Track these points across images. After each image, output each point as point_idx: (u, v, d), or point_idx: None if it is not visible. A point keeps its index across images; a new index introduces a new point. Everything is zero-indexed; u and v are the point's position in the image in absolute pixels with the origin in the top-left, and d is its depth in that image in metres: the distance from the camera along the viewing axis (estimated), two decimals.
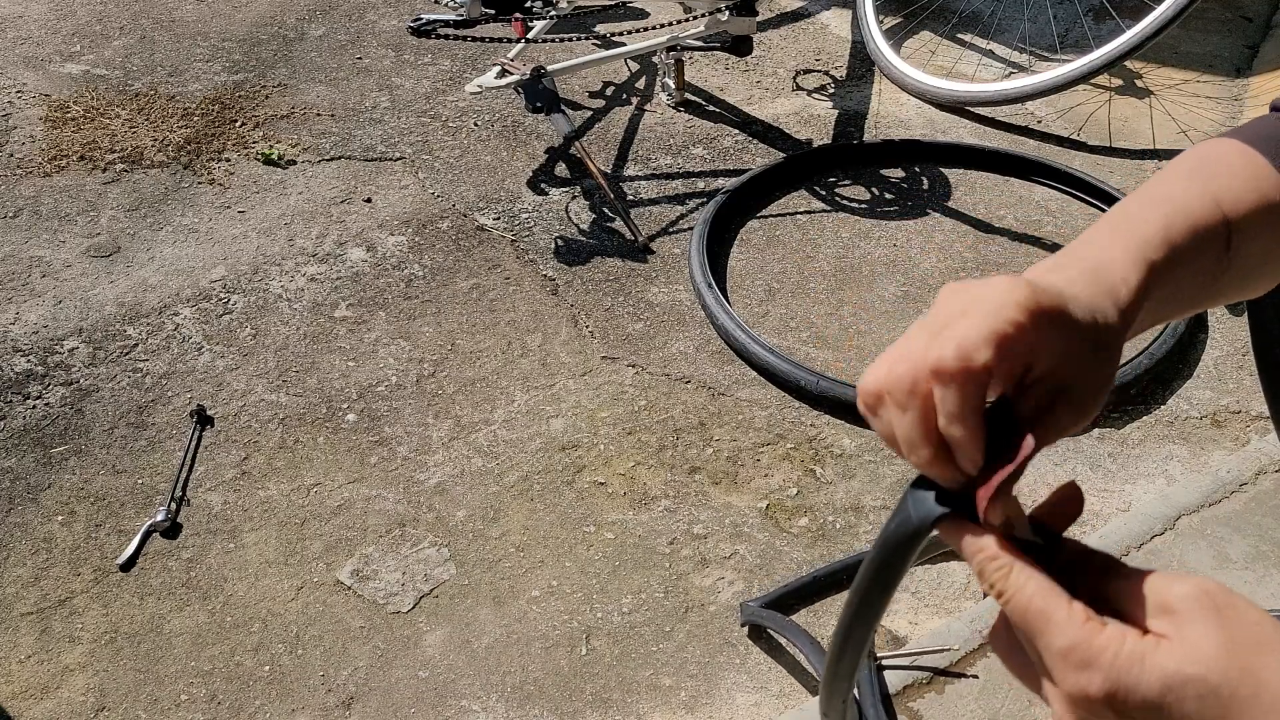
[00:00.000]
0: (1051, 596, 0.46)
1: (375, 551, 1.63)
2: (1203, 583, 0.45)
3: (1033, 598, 0.46)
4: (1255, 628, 0.43)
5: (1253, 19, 3.16)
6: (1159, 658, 0.43)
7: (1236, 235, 0.61)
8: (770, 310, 2.10)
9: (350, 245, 2.23)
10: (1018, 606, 0.46)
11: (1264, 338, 0.90)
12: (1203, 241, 0.59)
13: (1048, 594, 0.46)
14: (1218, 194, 0.61)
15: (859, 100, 2.76)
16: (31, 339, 1.98)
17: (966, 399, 0.48)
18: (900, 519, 0.52)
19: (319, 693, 1.45)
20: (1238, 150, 0.64)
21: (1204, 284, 0.61)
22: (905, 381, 0.50)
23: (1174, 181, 0.62)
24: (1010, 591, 0.47)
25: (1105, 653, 0.44)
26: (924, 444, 0.50)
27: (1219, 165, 0.64)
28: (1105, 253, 0.56)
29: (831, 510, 1.70)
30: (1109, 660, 0.44)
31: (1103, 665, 0.44)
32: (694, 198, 2.40)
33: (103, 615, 1.54)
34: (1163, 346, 1.93)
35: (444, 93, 2.73)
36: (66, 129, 2.53)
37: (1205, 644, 0.43)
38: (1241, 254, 0.62)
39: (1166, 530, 1.57)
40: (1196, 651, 0.43)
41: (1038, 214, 2.36)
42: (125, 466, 1.75)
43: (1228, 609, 0.44)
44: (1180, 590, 0.45)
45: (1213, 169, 0.63)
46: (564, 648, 1.51)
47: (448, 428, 1.83)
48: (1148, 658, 0.43)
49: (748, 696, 1.45)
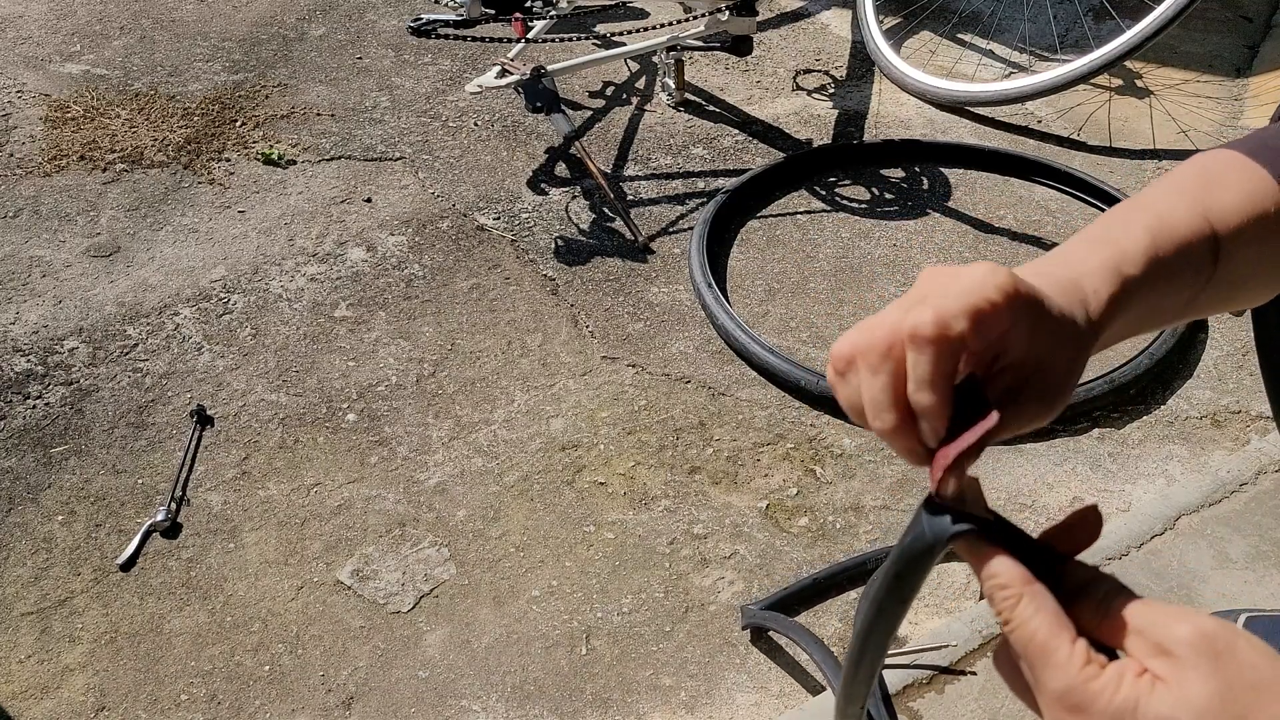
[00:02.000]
0: (1055, 634, 0.46)
1: (375, 551, 1.63)
2: (1203, 624, 0.44)
3: (1036, 632, 0.46)
4: (1253, 671, 0.43)
5: (1253, 19, 3.16)
6: (1153, 703, 0.43)
7: (1226, 248, 0.61)
8: (770, 310, 2.10)
9: (350, 245, 2.23)
10: (1021, 638, 0.47)
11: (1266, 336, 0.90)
12: (1188, 255, 0.59)
13: (1051, 631, 0.46)
14: (1209, 207, 0.61)
15: (859, 100, 2.76)
16: (31, 339, 1.98)
17: (939, 366, 0.49)
18: (916, 534, 0.51)
19: (319, 692, 1.45)
20: (1237, 162, 0.65)
21: (1184, 300, 0.61)
22: (881, 344, 0.50)
23: (1167, 193, 0.63)
24: (1015, 623, 0.47)
25: (1100, 698, 0.44)
26: (891, 409, 0.50)
27: (1216, 177, 0.64)
28: (1083, 264, 0.57)
29: (831, 510, 1.70)
30: (1103, 706, 0.44)
31: (1096, 711, 0.44)
32: (694, 198, 2.40)
33: (103, 615, 1.54)
34: (1163, 346, 1.93)
35: (444, 93, 2.73)
36: (66, 129, 2.53)
37: (1200, 693, 0.43)
38: (1230, 269, 0.62)
39: (1166, 530, 1.57)
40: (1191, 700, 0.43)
41: (1038, 214, 2.36)
42: (125, 466, 1.75)
43: (1227, 653, 0.44)
44: (1179, 633, 0.44)
45: (1209, 182, 0.63)
46: (564, 647, 1.51)
47: (448, 428, 1.83)
48: (1141, 703, 0.43)
49: (748, 696, 1.45)
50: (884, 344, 0.50)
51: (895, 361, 0.50)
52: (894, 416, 0.50)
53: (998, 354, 0.51)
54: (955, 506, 0.50)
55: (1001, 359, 0.51)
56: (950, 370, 0.49)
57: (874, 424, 0.51)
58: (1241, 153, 0.65)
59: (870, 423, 0.52)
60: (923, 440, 0.50)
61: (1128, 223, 0.59)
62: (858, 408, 0.52)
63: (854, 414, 0.53)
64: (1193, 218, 0.60)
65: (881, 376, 0.50)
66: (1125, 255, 0.57)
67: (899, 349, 0.50)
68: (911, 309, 0.50)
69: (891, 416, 0.50)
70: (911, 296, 0.52)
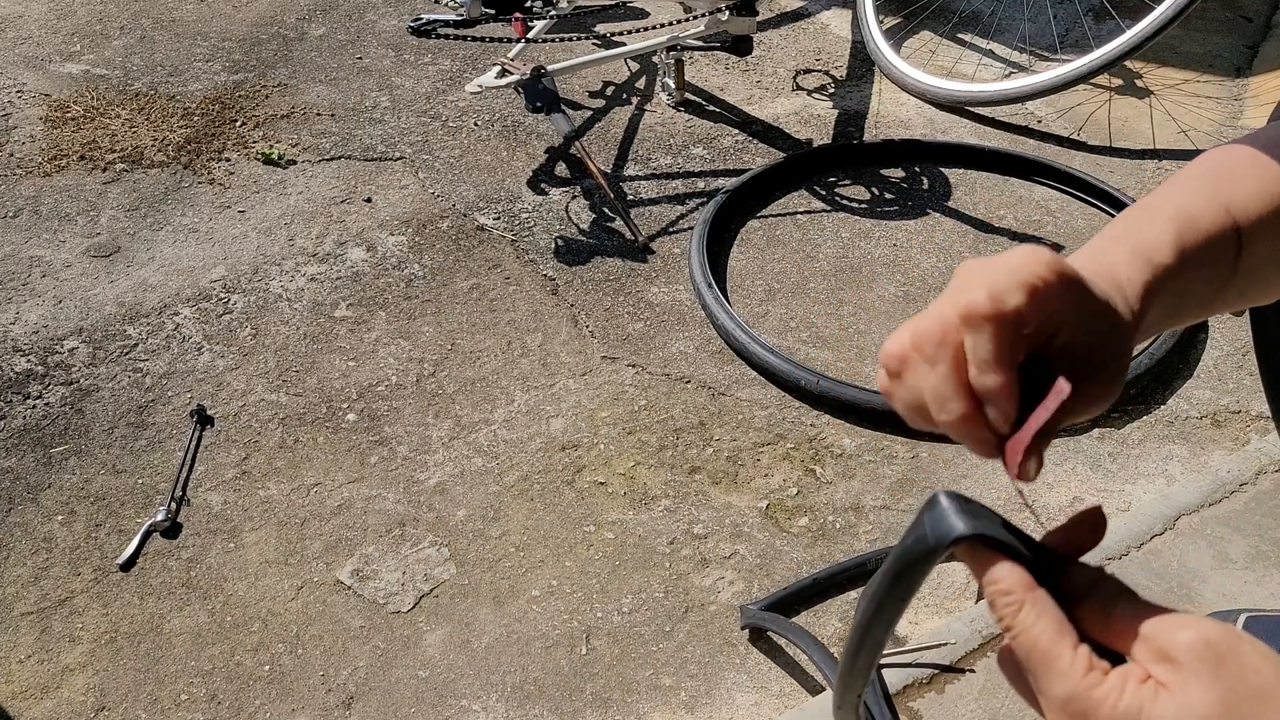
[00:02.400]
0: (1057, 641, 0.45)
1: (375, 551, 1.63)
2: (1206, 630, 0.44)
3: (1038, 639, 0.46)
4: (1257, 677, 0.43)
5: (1253, 19, 3.16)
6: (1156, 710, 0.43)
7: (1247, 241, 0.61)
8: (770, 310, 2.10)
9: (350, 245, 2.23)
10: (1023, 645, 0.46)
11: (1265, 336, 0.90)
12: (1212, 248, 0.59)
13: (1054, 637, 0.46)
14: (1228, 200, 0.61)
15: (859, 100, 2.76)
16: (31, 339, 1.98)
17: (1001, 343, 0.47)
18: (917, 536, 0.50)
19: (319, 692, 1.45)
20: (1250, 156, 0.64)
21: (1213, 290, 0.60)
22: (934, 333, 0.48)
23: (1184, 188, 0.62)
24: (1017, 630, 0.46)
25: (1103, 705, 0.44)
26: (957, 396, 0.48)
27: (1231, 171, 0.63)
28: (1112, 256, 0.56)
29: (831, 510, 1.70)
30: (1106, 713, 0.44)
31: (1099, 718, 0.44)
32: (694, 198, 2.40)
33: (103, 615, 1.54)
34: (1163, 346, 1.93)
35: (444, 93, 2.73)
36: (66, 129, 2.53)
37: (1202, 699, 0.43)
38: (1251, 261, 0.61)
39: (1166, 530, 1.57)
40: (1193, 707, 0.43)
41: (1038, 214, 2.36)
42: (125, 466, 1.75)
43: (1229, 658, 0.43)
44: (1183, 639, 0.44)
45: (1224, 175, 0.63)
46: (564, 647, 1.51)
47: (448, 427, 1.83)
48: (1144, 710, 0.43)
49: (748, 696, 1.45)
50: (938, 333, 0.48)
51: (953, 347, 0.48)
52: (961, 405, 0.48)
53: (1052, 334, 0.49)
54: (961, 506, 0.48)
55: (1056, 339, 0.49)
56: (1013, 347, 0.47)
57: (940, 417, 0.49)
58: (1254, 148, 0.65)
59: (936, 416, 0.49)
60: (993, 427, 0.48)
61: (1149, 218, 0.59)
62: (919, 405, 0.50)
63: (915, 414, 0.51)
64: (1214, 209, 0.60)
65: (941, 365, 0.48)
66: (1153, 246, 0.56)
67: (954, 334, 0.48)
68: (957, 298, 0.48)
69: (958, 405, 0.48)
70: (954, 288, 0.50)
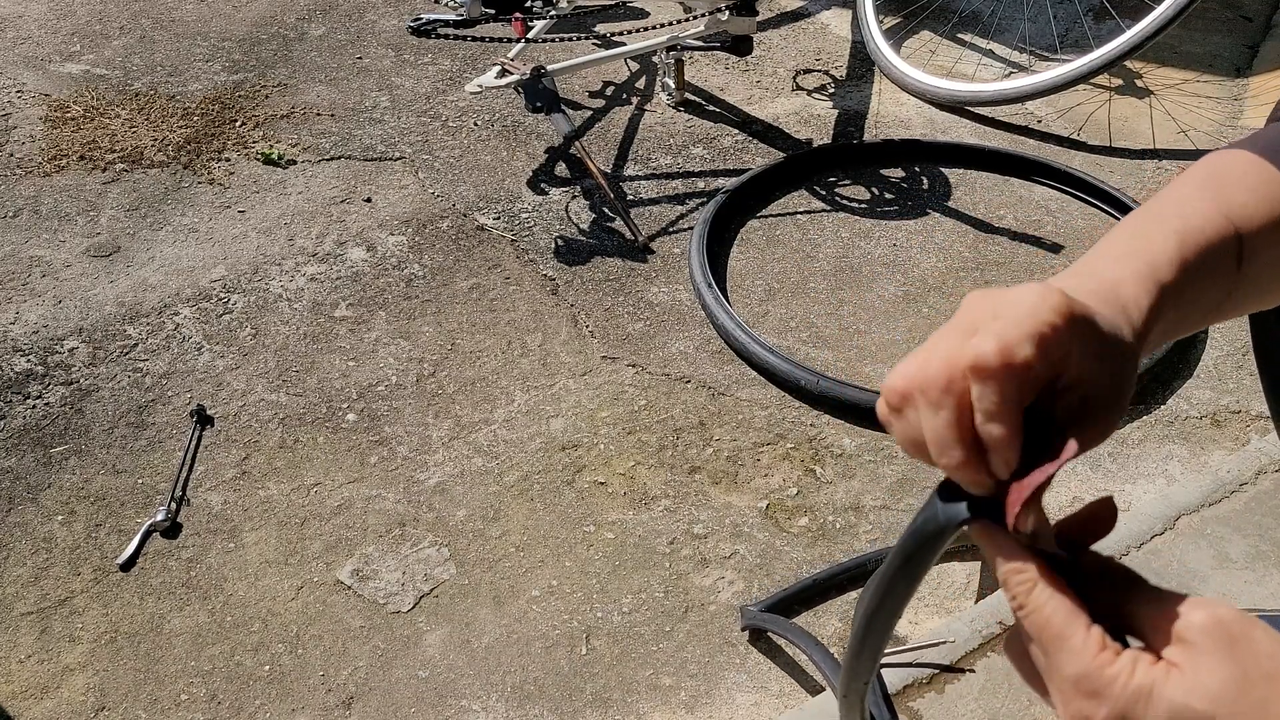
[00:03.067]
0: (1070, 620, 0.45)
1: (375, 551, 1.63)
2: (1218, 611, 0.44)
3: (1051, 618, 0.46)
4: (1269, 660, 0.43)
5: (1253, 19, 3.16)
6: (1167, 690, 0.43)
7: (1249, 249, 0.60)
8: (770, 310, 2.10)
9: (350, 245, 2.23)
10: (1035, 624, 0.46)
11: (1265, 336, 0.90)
12: (1215, 258, 0.58)
13: (1066, 616, 0.46)
14: (1230, 208, 0.60)
15: (859, 100, 2.76)
16: (31, 339, 1.98)
17: (1008, 396, 0.47)
18: (928, 514, 0.51)
19: (319, 692, 1.45)
20: (1250, 162, 0.64)
21: (1216, 301, 0.60)
22: (940, 379, 0.48)
23: (1186, 197, 0.61)
24: (1030, 608, 0.46)
25: (1115, 684, 0.44)
26: (957, 445, 0.48)
27: (1231, 178, 0.63)
28: (1115, 275, 0.55)
29: (831, 510, 1.70)
30: (1117, 692, 0.44)
31: (1110, 696, 0.44)
32: (694, 198, 2.40)
33: (103, 615, 1.54)
34: (1163, 347, 1.93)
35: (444, 93, 2.73)
36: (66, 129, 2.53)
37: (1215, 678, 0.43)
38: (1253, 269, 0.61)
39: (1166, 530, 1.57)
40: (1205, 686, 0.43)
41: (1038, 214, 2.36)
42: (125, 466, 1.75)
43: (1242, 639, 0.43)
44: (1195, 619, 0.44)
45: (1225, 182, 0.62)
46: (564, 647, 1.51)
47: (448, 427, 1.83)
48: (1156, 689, 0.43)
49: (748, 696, 1.45)
50: (944, 378, 0.48)
51: (958, 395, 0.48)
52: (961, 453, 0.48)
53: (1056, 375, 0.49)
54: (968, 494, 0.49)
55: (1060, 380, 0.49)
56: (1019, 399, 0.47)
57: (939, 461, 0.49)
58: (1253, 153, 0.65)
59: (935, 459, 0.49)
60: (993, 473, 0.48)
61: (1152, 231, 0.58)
62: (917, 443, 0.50)
63: (913, 449, 0.51)
64: (1216, 219, 0.59)
65: (945, 413, 0.48)
66: (1157, 263, 0.56)
67: (960, 382, 0.48)
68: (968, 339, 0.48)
69: (959, 453, 0.48)
70: (961, 324, 0.50)
